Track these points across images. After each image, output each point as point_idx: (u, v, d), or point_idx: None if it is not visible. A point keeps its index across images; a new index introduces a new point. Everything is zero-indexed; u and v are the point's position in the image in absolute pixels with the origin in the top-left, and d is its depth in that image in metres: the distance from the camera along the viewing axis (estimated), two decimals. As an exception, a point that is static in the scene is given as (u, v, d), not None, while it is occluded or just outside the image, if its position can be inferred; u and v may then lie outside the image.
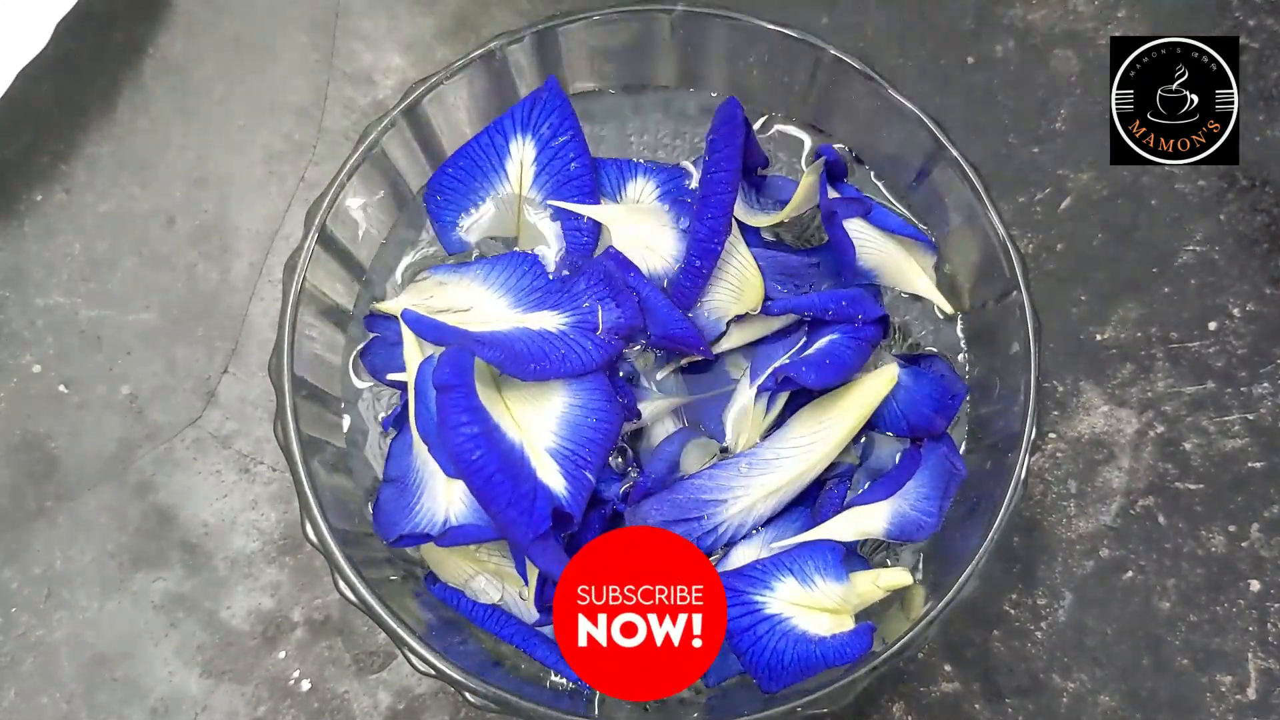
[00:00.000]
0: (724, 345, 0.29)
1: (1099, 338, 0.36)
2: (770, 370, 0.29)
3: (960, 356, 0.32)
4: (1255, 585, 0.34)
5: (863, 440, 0.30)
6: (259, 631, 0.34)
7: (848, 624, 0.28)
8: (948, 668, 0.34)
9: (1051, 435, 0.36)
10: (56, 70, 0.37)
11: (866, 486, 0.29)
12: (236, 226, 0.37)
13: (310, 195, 0.37)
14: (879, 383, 0.29)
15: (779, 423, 0.29)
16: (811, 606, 0.28)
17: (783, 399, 0.29)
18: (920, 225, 0.31)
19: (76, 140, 0.38)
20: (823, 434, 0.29)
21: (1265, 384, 0.36)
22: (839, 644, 0.27)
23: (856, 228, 0.30)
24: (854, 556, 0.29)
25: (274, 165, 0.38)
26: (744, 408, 0.29)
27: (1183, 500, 0.35)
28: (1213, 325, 0.36)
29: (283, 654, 0.34)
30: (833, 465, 0.29)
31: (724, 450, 0.30)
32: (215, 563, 0.35)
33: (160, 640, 0.34)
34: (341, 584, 0.27)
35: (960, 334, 0.32)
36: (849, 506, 0.29)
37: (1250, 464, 0.35)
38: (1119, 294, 0.37)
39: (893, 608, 0.29)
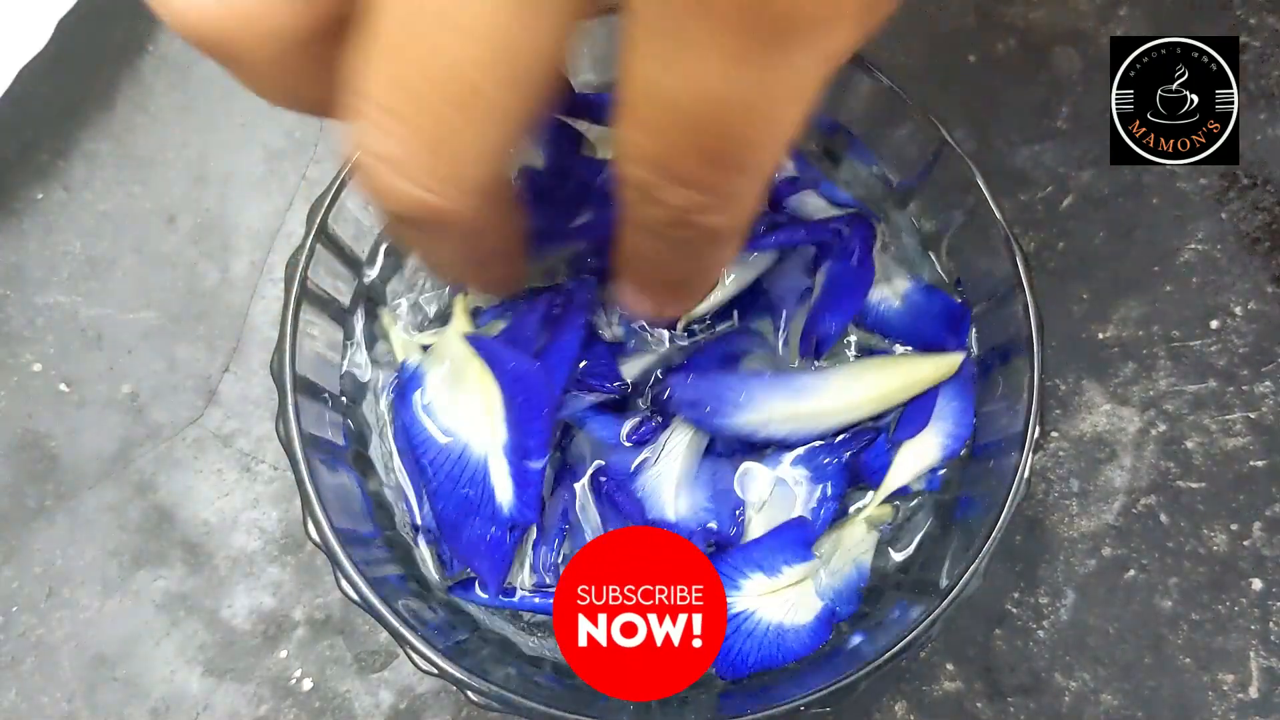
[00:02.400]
0: (721, 295, 0.30)
1: (1101, 336, 0.36)
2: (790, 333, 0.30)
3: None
4: (1257, 584, 0.34)
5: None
6: (260, 631, 0.34)
7: (811, 600, 0.28)
8: (949, 666, 0.34)
9: (1053, 434, 0.36)
10: (57, 68, 0.37)
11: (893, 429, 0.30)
12: (237, 225, 0.37)
13: (312, 193, 0.37)
14: (944, 365, 0.29)
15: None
16: (776, 590, 0.28)
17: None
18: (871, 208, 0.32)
19: (76, 138, 0.38)
20: (872, 386, 0.29)
21: (1267, 382, 0.36)
22: (801, 635, 0.28)
23: (810, 204, 0.30)
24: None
25: (275, 163, 0.38)
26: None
27: (1185, 499, 0.35)
28: (1214, 324, 0.36)
29: (284, 653, 0.34)
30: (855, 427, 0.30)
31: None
32: (216, 562, 0.35)
33: (161, 639, 0.34)
34: (344, 583, 0.27)
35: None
36: (895, 448, 0.30)
37: (1252, 462, 0.35)
38: (1120, 292, 0.37)
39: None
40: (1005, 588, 0.34)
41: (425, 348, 0.30)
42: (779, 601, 0.28)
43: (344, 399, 0.31)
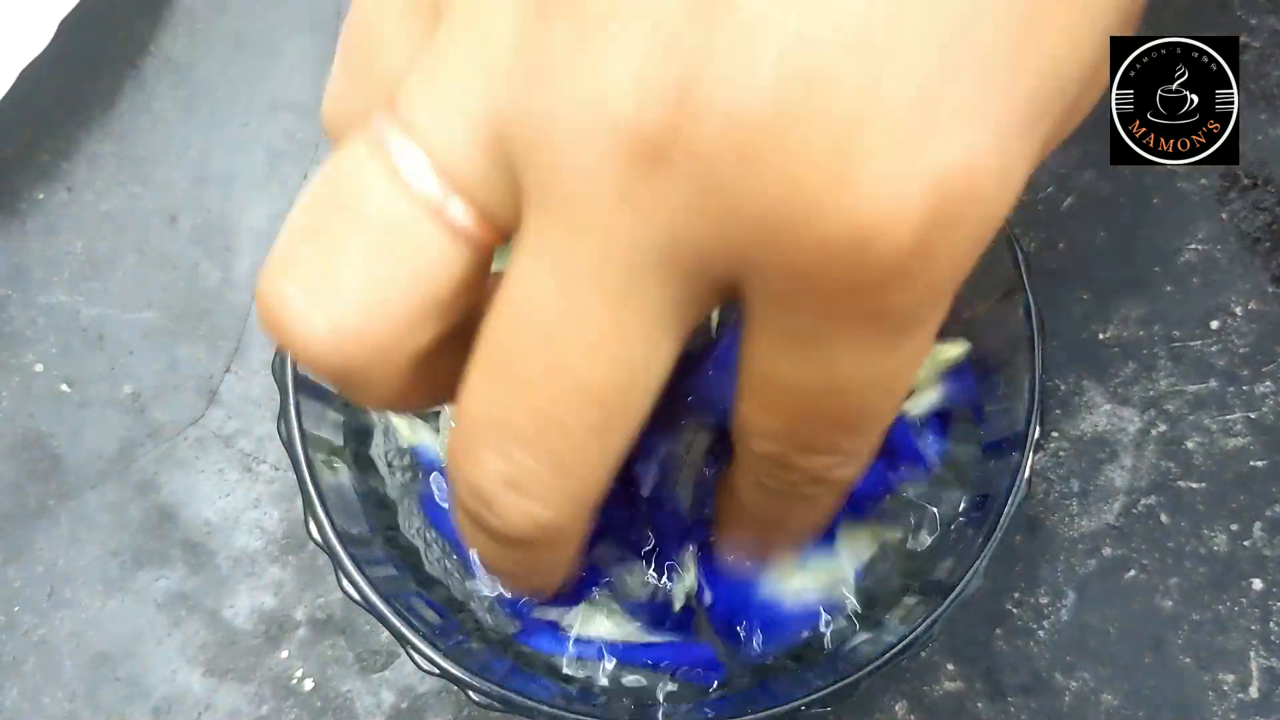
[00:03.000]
0: None
1: (1101, 336, 0.36)
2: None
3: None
4: (1258, 584, 0.34)
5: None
6: (261, 630, 0.34)
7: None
8: (950, 666, 0.34)
9: (1054, 434, 0.36)
10: (58, 69, 0.37)
11: None
12: (240, 225, 0.37)
13: (313, 194, 0.37)
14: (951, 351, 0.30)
15: None
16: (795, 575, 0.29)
17: None
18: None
19: (78, 139, 0.38)
20: None
21: (1268, 382, 0.36)
22: (804, 610, 0.29)
23: None
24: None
25: (276, 164, 0.38)
26: None
27: (1185, 499, 0.35)
28: (1215, 324, 0.36)
29: (285, 653, 0.34)
30: None
31: None
32: (218, 561, 0.35)
33: (163, 639, 0.34)
34: (345, 583, 0.27)
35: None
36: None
37: (1253, 462, 0.35)
38: (1121, 293, 0.37)
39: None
40: (1006, 588, 0.34)
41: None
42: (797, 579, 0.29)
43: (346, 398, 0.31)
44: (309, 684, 0.34)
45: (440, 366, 0.18)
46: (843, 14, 0.13)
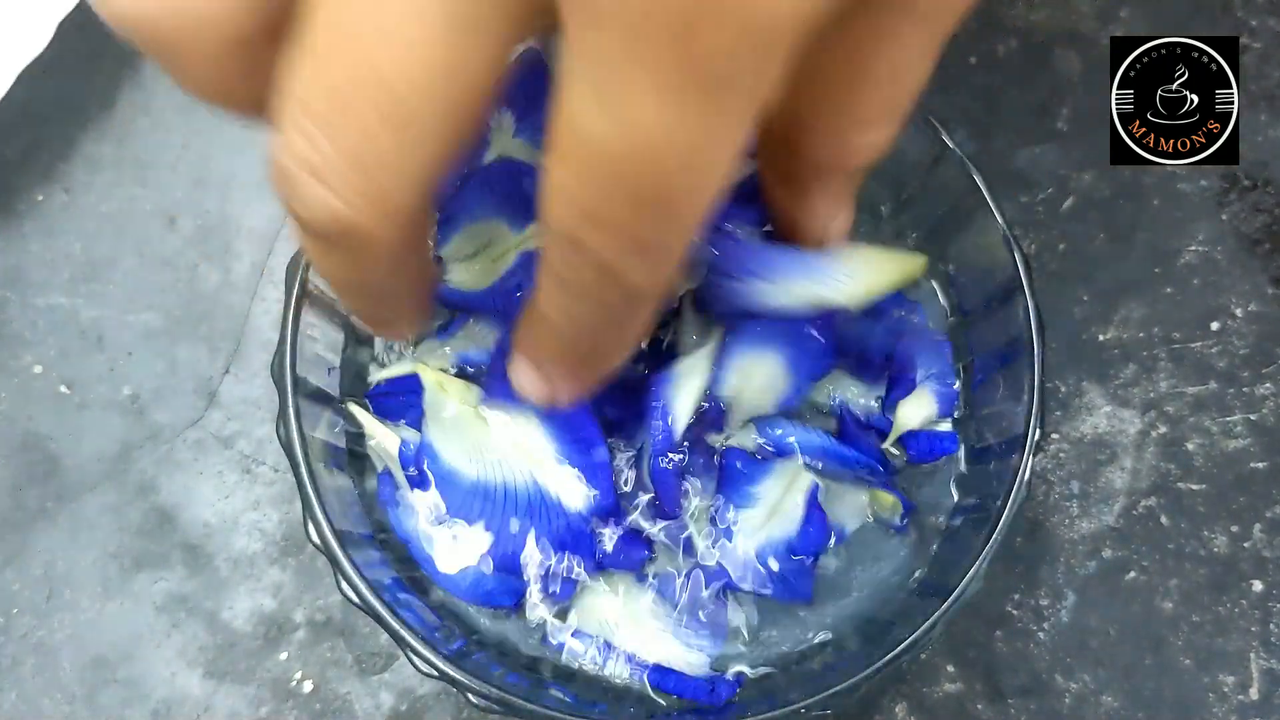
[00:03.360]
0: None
1: (1101, 338, 0.36)
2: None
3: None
4: (1258, 585, 0.34)
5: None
6: (261, 633, 0.34)
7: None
8: (950, 668, 0.34)
9: (1054, 435, 0.36)
10: (57, 70, 0.37)
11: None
12: (238, 227, 0.37)
13: (312, 195, 0.37)
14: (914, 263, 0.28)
15: None
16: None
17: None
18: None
19: (77, 140, 0.38)
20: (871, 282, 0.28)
21: (1268, 384, 0.36)
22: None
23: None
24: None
25: (275, 165, 0.38)
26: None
27: (1185, 500, 0.35)
28: (1215, 325, 0.36)
29: (285, 655, 0.34)
30: None
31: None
32: (217, 563, 0.35)
33: (162, 641, 0.34)
34: (345, 586, 0.27)
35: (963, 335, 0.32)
36: (892, 410, 0.31)
37: (1253, 464, 0.35)
38: (1121, 294, 0.37)
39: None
40: (1006, 589, 0.34)
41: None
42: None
43: (343, 400, 0.31)
44: (308, 686, 0.34)
45: (260, 57, 0.18)
46: None
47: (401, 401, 0.30)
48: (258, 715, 0.34)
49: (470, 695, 0.26)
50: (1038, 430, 0.28)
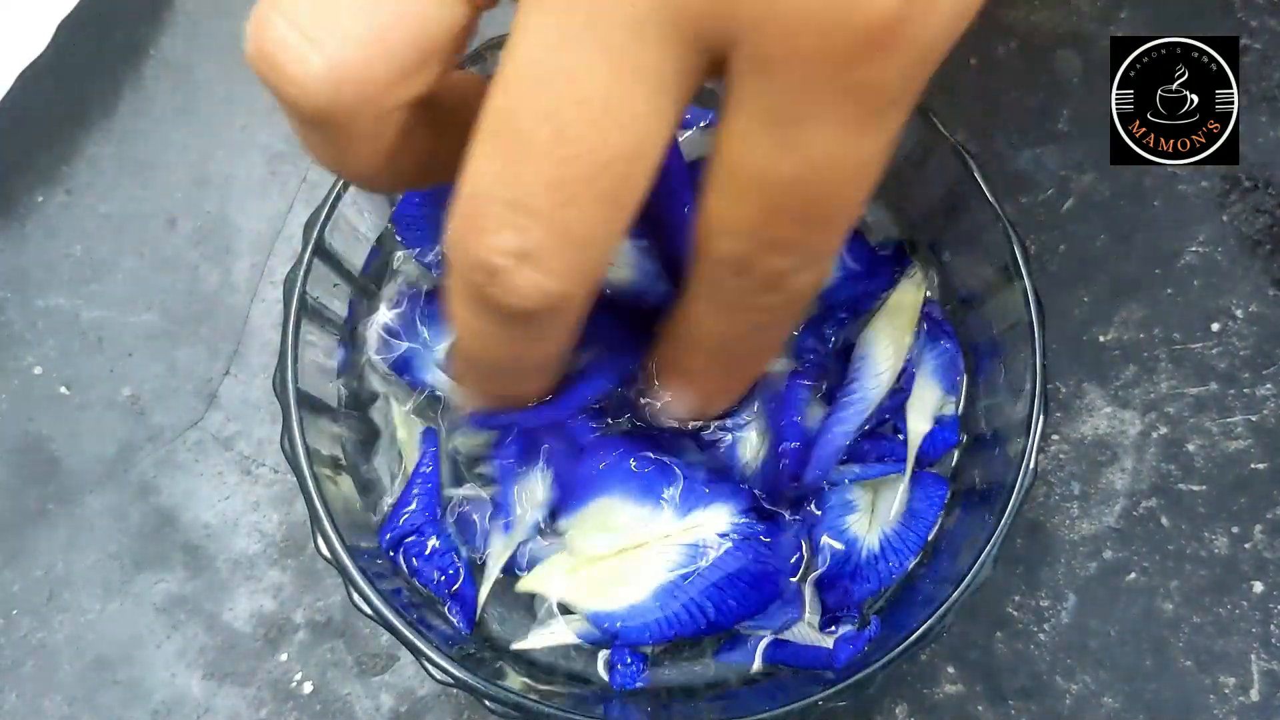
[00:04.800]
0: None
1: (1102, 339, 0.36)
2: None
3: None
4: (1258, 587, 0.34)
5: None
6: (261, 634, 0.34)
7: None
8: (950, 669, 0.34)
9: (1055, 436, 0.36)
10: (57, 71, 0.37)
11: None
12: (238, 228, 0.37)
13: (312, 196, 0.37)
14: (910, 296, 0.30)
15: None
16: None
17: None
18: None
19: (77, 141, 0.38)
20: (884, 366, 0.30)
21: (1268, 385, 0.36)
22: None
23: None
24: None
25: (275, 166, 0.38)
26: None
27: (1186, 502, 0.35)
28: (1215, 326, 0.36)
29: (285, 656, 0.34)
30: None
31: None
32: (217, 564, 0.35)
33: (162, 642, 0.34)
34: (356, 597, 0.27)
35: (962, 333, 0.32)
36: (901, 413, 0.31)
37: (1253, 465, 0.35)
38: (1122, 295, 0.37)
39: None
40: (1006, 590, 0.34)
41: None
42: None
43: (346, 408, 0.31)
44: (308, 687, 0.34)
45: (417, 139, 0.19)
46: None
47: (431, 219, 0.30)
48: (258, 716, 0.34)
49: (487, 701, 0.26)
50: (1041, 419, 0.28)
